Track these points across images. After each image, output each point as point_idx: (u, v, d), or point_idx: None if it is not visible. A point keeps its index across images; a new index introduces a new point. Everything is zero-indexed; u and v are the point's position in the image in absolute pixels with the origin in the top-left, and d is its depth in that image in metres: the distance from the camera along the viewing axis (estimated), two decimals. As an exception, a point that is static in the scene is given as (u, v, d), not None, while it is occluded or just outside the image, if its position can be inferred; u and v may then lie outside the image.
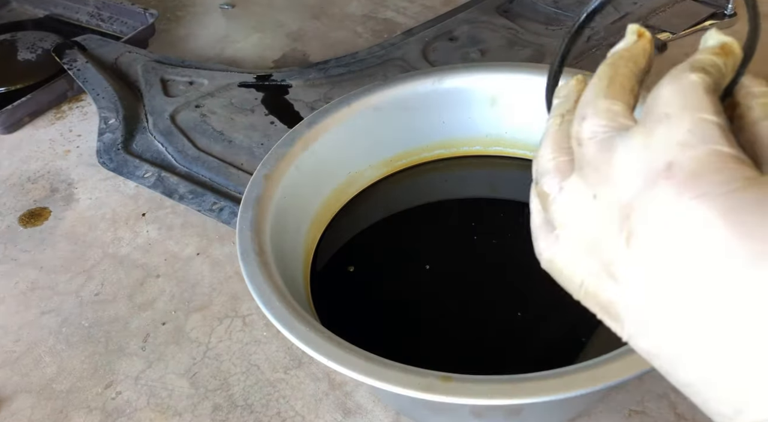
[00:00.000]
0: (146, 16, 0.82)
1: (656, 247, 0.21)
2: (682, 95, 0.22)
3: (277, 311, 0.38)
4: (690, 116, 0.22)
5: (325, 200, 0.51)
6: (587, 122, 0.24)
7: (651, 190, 0.21)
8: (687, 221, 0.20)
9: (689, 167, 0.21)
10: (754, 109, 0.24)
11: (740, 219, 0.20)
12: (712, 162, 0.21)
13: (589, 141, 0.24)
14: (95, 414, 0.48)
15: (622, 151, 0.23)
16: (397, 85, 0.52)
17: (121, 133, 0.68)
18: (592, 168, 0.23)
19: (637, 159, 0.22)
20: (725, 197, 0.20)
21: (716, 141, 0.21)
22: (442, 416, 0.43)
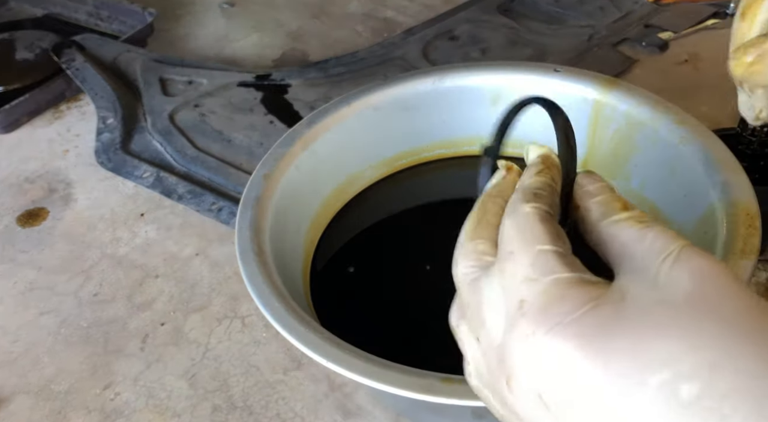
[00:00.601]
0: (145, 15, 0.82)
1: (532, 388, 0.22)
2: (520, 230, 0.24)
3: (277, 312, 0.38)
4: (529, 251, 0.23)
5: (325, 200, 0.51)
6: (458, 266, 0.26)
7: (512, 330, 0.22)
8: (548, 357, 0.21)
9: (537, 302, 0.22)
10: (592, 211, 0.25)
11: (593, 346, 0.20)
12: (556, 292, 0.22)
13: (462, 284, 0.25)
14: (94, 415, 0.48)
15: (486, 293, 0.24)
16: (398, 85, 0.52)
17: (119, 132, 0.68)
18: (471, 312, 0.25)
19: (497, 300, 0.23)
20: (575, 325, 0.21)
21: (556, 270, 0.22)
22: (442, 417, 0.42)
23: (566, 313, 0.21)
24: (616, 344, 0.20)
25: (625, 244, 0.23)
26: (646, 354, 0.20)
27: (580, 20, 0.77)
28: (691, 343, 0.19)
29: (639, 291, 0.21)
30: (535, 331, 0.21)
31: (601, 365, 0.20)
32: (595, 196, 0.25)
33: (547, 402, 0.21)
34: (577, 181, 0.26)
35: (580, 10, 0.78)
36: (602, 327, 0.21)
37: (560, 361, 0.21)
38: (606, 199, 0.25)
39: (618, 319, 0.21)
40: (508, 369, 0.22)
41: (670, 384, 0.19)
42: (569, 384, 0.21)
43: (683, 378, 0.19)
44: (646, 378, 0.19)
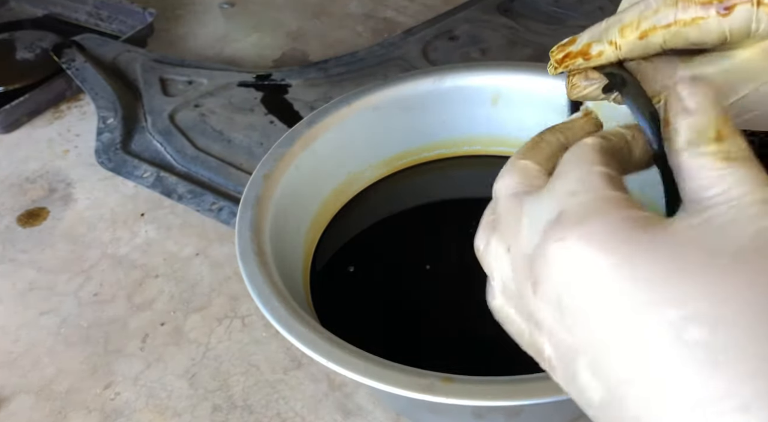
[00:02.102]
0: (145, 15, 0.82)
1: (555, 293, 0.22)
2: (577, 155, 0.24)
3: (277, 311, 0.38)
4: (579, 169, 0.23)
5: (325, 200, 0.51)
6: (503, 180, 0.26)
7: (546, 238, 0.22)
8: (576, 264, 0.21)
9: (576, 213, 0.22)
10: (680, 134, 0.23)
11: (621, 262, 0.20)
12: (598, 206, 0.22)
13: (502, 196, 0.26)
14: (94, 414, 0.48)
15: (527, 206, 0.24)
16: (398, 85, 0.52)
17: (119, 132, 0.68)
18: (505, 222, 0.25)
19: (537, 212, 0.23)
20: (608, 238, 0.21)
21: (602, 187, 0.22)
22: (442, 417, 0.42)
23: (602, 225, 0.21)
24: (645, 267, 0.20)
25: (700, 184, 0.22)
26: (666, 287, 0.19)
27: (580, 20, 0.77)
28: (717, 292, 0.19)
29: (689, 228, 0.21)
30: (567, 236, 0.21)
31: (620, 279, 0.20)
32: (690, 116, 0.22)
33: (564, 307, 0.21)
34: (678, 89, 0.23)
35: (580, 10, 0.78)
36: (635, 246, 0.20)
37: (585, 268, 0.21)
38: (700, 122, 0.22)
39: (654, 245, 0.20)
40: (536, 273, 0.22)
41: (682, 321, 0.19)
42: (588, 291, 0.21)
43: (695, 321, 0.19)
44: (662, 308, 0.19)
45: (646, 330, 0.19)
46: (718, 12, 0.25)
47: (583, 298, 0.21)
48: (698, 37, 0.27)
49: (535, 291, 0.23)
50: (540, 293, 0.22)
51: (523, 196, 0.25)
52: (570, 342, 0.21)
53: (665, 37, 0.27)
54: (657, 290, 0.20)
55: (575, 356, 0.21)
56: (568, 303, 0.21)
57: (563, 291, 0.21)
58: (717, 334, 0.19)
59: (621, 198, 0.22)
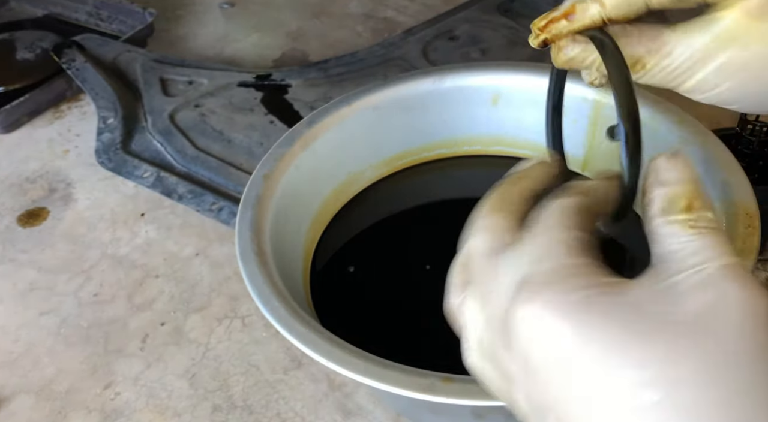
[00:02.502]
0: (145, 15, 0.82)
1: (523, 354, 0.23)
2: (550, 217, 0.25)
3: (277, 311, 0.38)
4: (547, 235, 0.24)
5: (325, 200, 0.51)
6: (475, 239, 0.26)
7: (514, 301, 0.23)
8: (540, 329, 0.22)
9: (540, 280, 0.23)
10: (654, 203, 0.24)
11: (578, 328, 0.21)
12: (563, 272, 0.23)
13: (477, 254, 0.26)
14: (94, 415, 0.48)
15: (502, 266, 0.25)
16: (398, 85, 0.52)
17: (120, 132, 0.68)
18: (481, 281, 0.26)
19: (510, 273, 0.24)
20: (569, 304, 0.22)
21: (566, 255, 0.23)
22: (442, 417, 0.42)
23: (563, 293, 0.22)
24: (602, 332, 0.21)
25: (668, 249, 0.22)
26: (624, 352, 0.20)
27: (580, 20, 0.77)
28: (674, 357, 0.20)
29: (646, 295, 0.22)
30: (532, 302, 0.22)
31: (582, 345, 0.21)
32: (665, 187, 0.24)
33: (531, 367, 0.22)
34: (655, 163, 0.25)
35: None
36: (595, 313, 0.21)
37: (548, 333, 0.22)
38: (673, 193, 0.23)
39: (614, 312, 0.21)
40: (509, 332, 0.23)
41: (636, 384, 0.20)
42: (550, 354, 0.22)
43: (648, 384, 0.20)
44: (619, 372, 0.20)
45: (603, 392, 0.20)
46: None
47: (547, 361, 0.22)
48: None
49: (507, 352, 0.24)
50: (512, 354, 0.23)
51: (495, 255, 0.25)
52: (539, 400, 0.23)
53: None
54: (613, 352, 0.20)
55: (545, 412, 0.22)
56: (535, 364, 0.22)
57: (530, 354, 0.22)
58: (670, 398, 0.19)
59: (585, 264, 0.23)
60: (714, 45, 0.28)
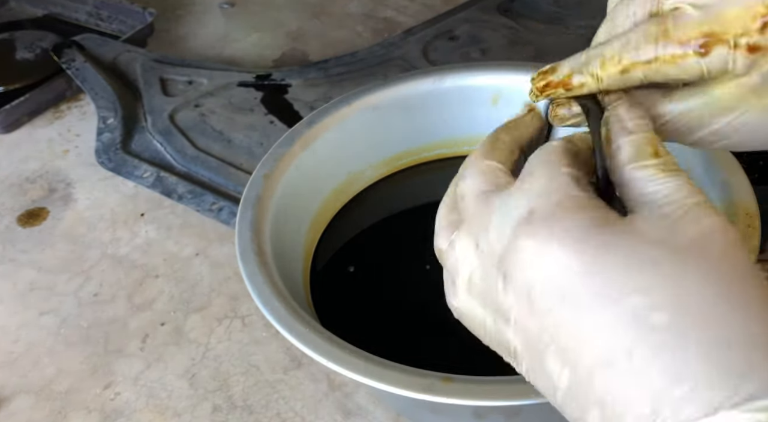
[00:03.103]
0: (145, 15, 0.82)
1: (526, 286, 0.23)
2: (544, 156, 0.26)
3: (277, 311, 0.38)
4: (547, 170, 0.25)
5: (325, 200, 0.51)
6: (468, 180, 0.27)
7: (517, 234, 0.24)
8: (546, 259, 0.23)
9: (546, 211, 0.23)
10: (622, 151, 0.25)
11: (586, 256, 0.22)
12: (566, 206, 0.23)
13: (469, 195, 0.27)
14: (94, 415, 0.48)
15: (497, 205, 0.25)
16: (398, 85, 0.52)
17: (119, 132, 0.68)
18: (473, 221, 0.26)
19: (507, 210, 0.25)
20: (576, 234, 0.23)
21: (569, 188, 0.24)
22: (442, 417, 0.42)
23: (570, 223, 0.23)
24: (609, 261, 0.22)
25: (644, 192, 0.24)
26: (630, 278, 0.21)
27: (580, 20, 0.77)
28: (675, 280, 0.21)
29: (646, 226, 0.23)
30: (538, 233, 0.23)
31: (588, 274, 0.22)
32: (630, 135, 0.25)
33: (533, 299, 0.23)
34: (617, 110, 0.26)
35: (580, 10, 0.78)
36: (601, 243, 0.22)
37: (555, 263, 0.22)
38: (639, 140, 0.25)
39: (618, 241, 0.22)
40: (506, 267, 0.24)
41: (643, 309, 0.21)
42: (557, 284, 0.22)
43: (655, 307, 0.21)
44: (627, 298, 0.21)
45: (611, 318, 0.21)
46: (695, 51, 0.26)
47: (553, 291, 0.22)
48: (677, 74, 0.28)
49: (505, 285, 0.24)
50: (510, 286, 0.24)
51: (490, 194, 0.26)
52: (538, 332, 0.23)
53: (645, 72, 0.28)
54: (621, 281, 0.21)
55: (544, 345, 0.23)
56: (538, 295, 0.23)
57: (534, 284, 0.23)
58: (677, 319, 0.20)
59: (587, 198, 0.24)
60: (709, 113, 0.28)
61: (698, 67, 0.27)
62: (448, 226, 0.28)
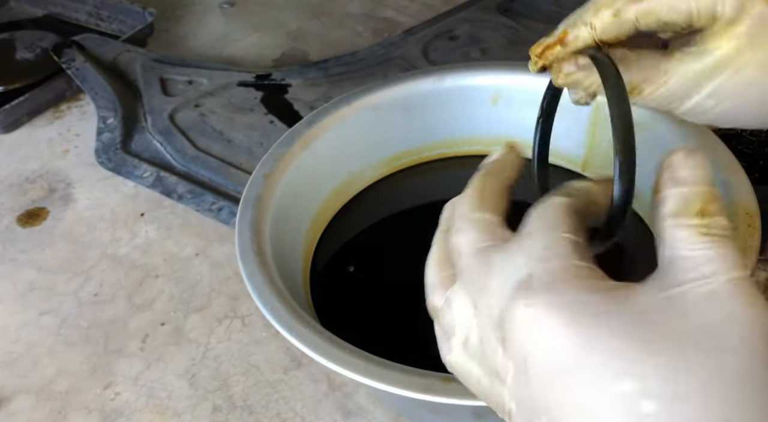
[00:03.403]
0: (145, 15, 0.82)
1: (522, 354, 0.22)
2: (544, 216, 0.25)
3: (277, 311, 0.38)
4: (547, 234, 0.24)
5: (325, 200, 0.51)
6: (464, 235, 0.26)
7: (515, 300, 0.23)
8: (541, 330, 0.22)
9: (544, 279, 0.23)
10: (667, 203, 0.23)
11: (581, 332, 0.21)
12: (565, 276, 0.22)
13: (467, 251, 0.26)
14: (94, 415, 0.48)
15: (497, 263, 0.24)
16: (398, 85, 0.52)
17: (119, 132, 0.68)
18: (472, 278, 0.25)
19: (507, 271, 0.24)
20: (572, 308, 0.22)
21: (569, 256, 0.23)
22: (442, 417, 0.42)
23: (568, 295, 0.22)
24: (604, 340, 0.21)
25: (677, 254, 0.22)
26: (624, 362, 0.20)
27: (580, 20, 0.77)
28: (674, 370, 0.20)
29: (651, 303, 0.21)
30: (535, 303, 0.22)
31: (583, 352, 0.21)
32: (679, 186, 0.23)
33: (528, 368, 0.22)
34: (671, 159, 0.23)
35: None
36: (598, 323, 0.21)
37: (550, 335, 0.22)
38: (688, 193, 0.22)
39: (616, 317, 0.21)
40: (504, 333, 0.23)
41: (637, 395, 0.20)
42: (550, 357, 0.22)
43: (650, 396, 0.20)
44: (619, 381, 0.20)
45: (602, 401, 0.20)
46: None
47: (546, 363, 0.22)
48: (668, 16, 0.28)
49: (503, 349, 0.23)
50: (508, 351, 0.23)
51: (489, 252, 0.25)
52: (532, 400, 0.22)
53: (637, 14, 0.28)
54: (615, 362, 0.20)
55: (536, 415, 0.22)
56: (533, 365, 0.22)
57: (530, 353, 0.22)
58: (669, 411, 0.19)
59: (586, 267, 0.23)
60: (707, 72, 0.29)
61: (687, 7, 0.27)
62: (441, 283, 0.27)
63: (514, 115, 0.53)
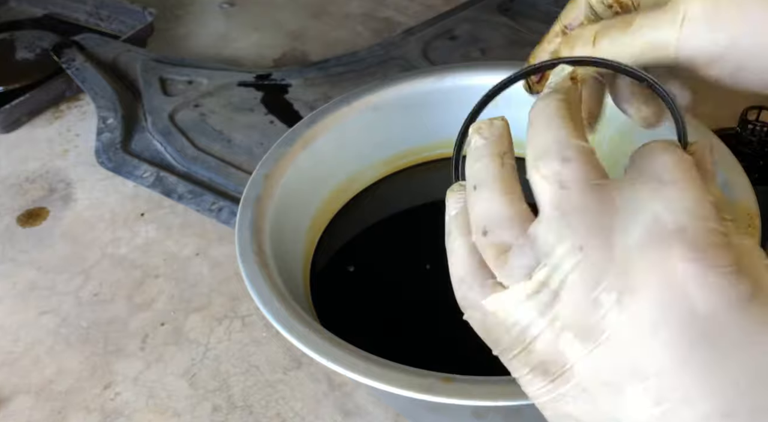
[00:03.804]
0: (145, 14, 0.82)
1: (651, 310, 0.20)
2: (681, 168, 0.22)
3: (277, 312, 0.38)
4: (692, 187, 0.22)
5: (325, 200, 0.51)
6: (573, 165, 0.23)
7: (662, 249, 0.21)
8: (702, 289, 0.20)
9: (702, 239, 0.21)
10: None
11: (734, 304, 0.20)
12: (716, 239, 0.21)
13: (578, 188, 0.22)
14: (94, 415, 0.48)
15: (619, 202, 0.22)
16: (398, 84, 0.52)
17: (119, 132, 0.68)
18: (584, 217, 0.22)
19: (644, 217, 0.21)
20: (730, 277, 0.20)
21: (714, 219, 0.21)
22: (442, 417, 0.42)
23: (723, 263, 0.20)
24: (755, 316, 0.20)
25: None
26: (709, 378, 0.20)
27: (580, 20, 0.77)
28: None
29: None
30: (697, 259, 0.20)
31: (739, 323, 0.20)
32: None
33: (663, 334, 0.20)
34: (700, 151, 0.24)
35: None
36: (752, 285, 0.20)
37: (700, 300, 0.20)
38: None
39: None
40: (631, 283, 0.21)
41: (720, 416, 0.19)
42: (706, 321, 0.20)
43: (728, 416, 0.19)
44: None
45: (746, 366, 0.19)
46: None
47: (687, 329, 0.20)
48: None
49: (620, 302, 0.21)
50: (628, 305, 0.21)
51: (608, 190, 0.22)
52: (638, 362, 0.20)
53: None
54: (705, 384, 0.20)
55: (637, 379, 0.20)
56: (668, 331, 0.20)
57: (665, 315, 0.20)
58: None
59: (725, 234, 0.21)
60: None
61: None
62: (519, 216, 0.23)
63: (514, 115, 0.53)
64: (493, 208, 0.24)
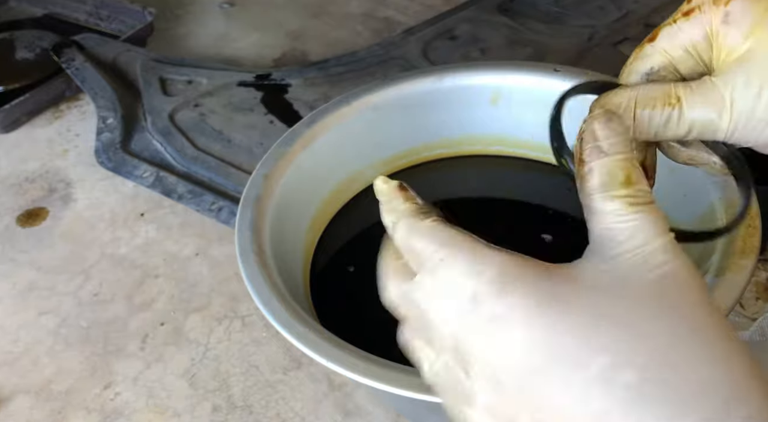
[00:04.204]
0: (145, 14, 0.82)
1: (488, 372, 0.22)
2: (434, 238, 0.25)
3: (277, 312, 0.38)
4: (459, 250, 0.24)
5: (325, 200, 0.51)
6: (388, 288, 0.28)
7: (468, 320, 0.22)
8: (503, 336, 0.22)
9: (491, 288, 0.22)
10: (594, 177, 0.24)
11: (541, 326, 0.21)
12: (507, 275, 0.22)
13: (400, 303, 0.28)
14: (94, 415, 0.48)
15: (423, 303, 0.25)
16: (397, 84, 0.52)
17: (119, 132, 0.68)
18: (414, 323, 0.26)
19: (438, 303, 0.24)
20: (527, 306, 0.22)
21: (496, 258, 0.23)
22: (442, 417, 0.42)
23: (521, 292, 0.22)
24: (566, 325, 0.21)
25: (608, 227, 0.23)
26: (589, 340, 0.21)
27: (580, 20, 0.77)
28: (635, 335, 0.20)
29: (598, 275, 0.22)
30: (494, 313, 0.22)
31: (546, 345, 0.21)
32: (603, 157, 0.23)
33: (504, 382, 0.22)
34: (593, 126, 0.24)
35: (580, 10, 0.78)
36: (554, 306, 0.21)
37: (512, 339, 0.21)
38: (612, 165, 0.23)
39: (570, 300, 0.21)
40: (466, 358, 0.23)
41: (611, 370, 0.20)
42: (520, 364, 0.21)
43: (622, 366, 0.20)
44: (589, 362, 0.20)
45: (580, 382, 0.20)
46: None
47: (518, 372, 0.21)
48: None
49: (468, 374, 0.23)
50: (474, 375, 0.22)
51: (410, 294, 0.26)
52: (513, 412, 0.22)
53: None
54: (583, 344, 0.21)
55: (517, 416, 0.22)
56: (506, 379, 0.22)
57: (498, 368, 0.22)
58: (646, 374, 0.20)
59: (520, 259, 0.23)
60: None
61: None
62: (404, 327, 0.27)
63: (514, 115, 0.53)
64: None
